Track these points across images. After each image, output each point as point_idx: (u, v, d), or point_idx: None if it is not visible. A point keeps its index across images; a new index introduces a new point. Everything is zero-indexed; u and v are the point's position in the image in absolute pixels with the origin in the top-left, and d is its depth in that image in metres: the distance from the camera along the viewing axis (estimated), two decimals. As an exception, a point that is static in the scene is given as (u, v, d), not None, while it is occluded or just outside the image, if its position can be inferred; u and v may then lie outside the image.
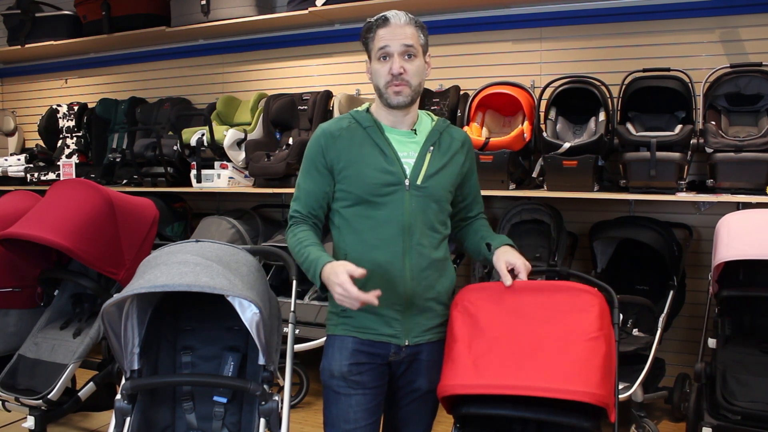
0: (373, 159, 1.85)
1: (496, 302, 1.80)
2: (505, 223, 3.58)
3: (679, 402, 3.19)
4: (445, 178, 1.91)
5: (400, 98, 1.84)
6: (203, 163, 4.17)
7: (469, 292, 1.87)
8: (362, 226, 1.86)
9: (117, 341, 1.89)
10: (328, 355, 1.91)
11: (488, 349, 1.70)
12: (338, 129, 1.89)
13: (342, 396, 1.86)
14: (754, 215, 2.63)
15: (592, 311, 1.73)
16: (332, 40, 4.35)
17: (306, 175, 1.92)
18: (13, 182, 4.95)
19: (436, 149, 1.91)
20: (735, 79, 3.19)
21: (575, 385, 1.59)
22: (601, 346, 1.67)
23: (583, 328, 1.70)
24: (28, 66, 5.75)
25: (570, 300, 1.76)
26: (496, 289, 1.83)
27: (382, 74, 1.84)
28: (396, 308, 1.85)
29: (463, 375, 1.69)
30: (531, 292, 1.80)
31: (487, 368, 1.67)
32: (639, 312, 3.11)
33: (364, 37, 1.89)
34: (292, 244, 1.88)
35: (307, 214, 1.91)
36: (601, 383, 1.60)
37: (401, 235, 1.84)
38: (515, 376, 1.63)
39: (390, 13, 1.86)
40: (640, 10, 3.59)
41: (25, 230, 2.63)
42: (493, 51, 3.95)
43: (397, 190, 1.85)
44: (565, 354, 1.65)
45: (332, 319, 1.94)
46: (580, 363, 1.63)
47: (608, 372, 1.67)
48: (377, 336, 1.86)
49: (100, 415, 3.28)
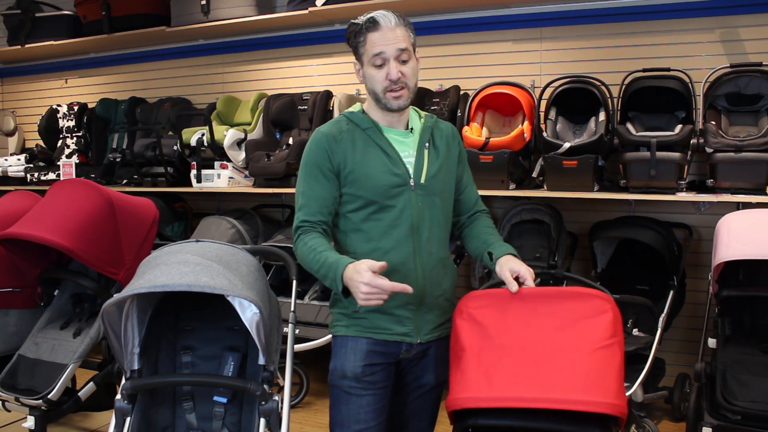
0: (378, 161, 1.84)
1: (504, 310, 1.73)
2: (505, 223, 3.58)
3: (679, 402, 3.19)
4: (445, 174, 1.92)
5: (400, 102, 1.84)
6: (203, 163, 4.17)
7: (473, 299, 1.80)
8: (373, 229, 1.85)
9: (117, 341, 1.89)
10: (340, 356, 1.89)
11: (499, 359, 1.63)
12: (339, 131, 1.87)
13: (353, 396, 1.85)
14: (754, 215, 2.63)
15: (605, 317, 1.65)
16: (332, 40, 4.35)
17: (311, 181, 1.85)
18: (13, 182, 4.95)
19: (431, 146, 1.92)
20: (735, 79, 3.19)
21: (594, 396, 1.52)
22: (616, 353, 1.61)
23: (596, 335, 1.62)
24: (28, 66, 5.74)
25: (581, 306, 1.68)
26: (502, 295, 1.76)
27: (378, 80, 1.82)
28: (409, 307, 1.86)
29: (474, 387, 1.62)
30: (539, 298, 1.73)
31: (500, 380, 1.60)
32: (639, 312, 3.11)
33: (353, 41, 1.85)
34: (304, 253, 1.80)
35: (316, 221, 1.84)
36: (618, 393, 1.55)
37: (411, 236, 1.84)
38: (530, 387, 1.56)
39: (378, 15, 1.80)
40: (640, 10, 3.59)
41: (25, 230, 2.63)
42: (493, 51, 3.94)
43: (404, 190, 1.84)
44: (579, 363, 1.58)
45: (342, 320, 1.91)
46: (596, 372, 1.56)
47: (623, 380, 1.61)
48: (391, 336, 1.86)
49: (100, 415, 3.28)
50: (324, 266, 1.74)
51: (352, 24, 1.86)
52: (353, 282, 1.65)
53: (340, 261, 1.71)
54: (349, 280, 1.66)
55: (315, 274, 1.79)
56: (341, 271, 1.69)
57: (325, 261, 1.74)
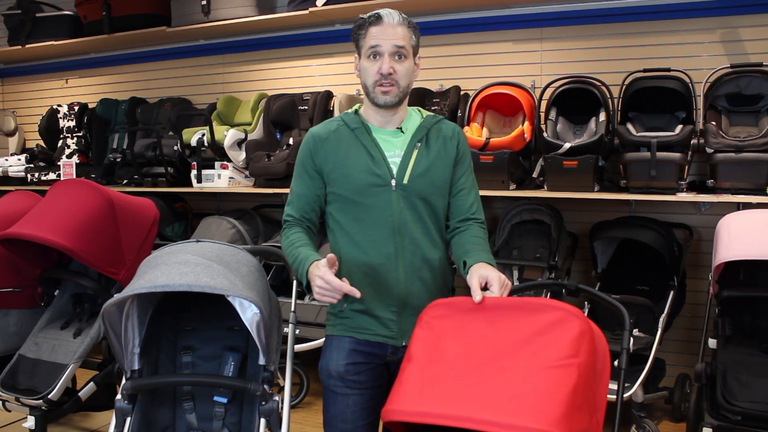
0: (360, 160, 1.85)
1: (462, 320, 1.61)
2: (505, 223, 3.58)
3: (680, 402, 3.19)
4: (434, 175, 1.88)
5: (387, 98, 1.83)
6: (203, 163, 4.17)
7: (435, 307, 1.69)
8: (353, 228, 1.86)
9: (117, 341, 1.89)
10: (325, 355, 1.92)
11: (442, 373, 1.51)
12: (327, 132, 1.91)
13: (339, 396, 1.86)
14: (754, 215, 2.63)
15: (567, 334, 1.48)
16: (332, 40, 4.35)
17: (298, 179, 1.94)
18: (13, 182, 4.96)
19: (423, 146, 1.89)
20: (735, 80, 3.19)
21: (528, 421, 1.34)
22: (571, 374, 1.42)
23: (552, 353, 1.46)
24: (29, 66, 5.75)
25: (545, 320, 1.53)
26: (464, 305, 1.64)
27: (370, 73, 1.83)
28: (391, 309, 1.85)
29: (405, 400, 1.50)
30: (502, 310, 1.59)
31: (432, 395, 1.47)
32: (639, 312, 3.11)
33: (355, 34, 1.87)
34: (285, 246, 1.89)
35: (299, 217, 1.92)
36: (560, 420, 1.34)
37: (392, 236, 1.83)
38: (461, 405, 1.42)
39: (384, 12, 1.83)
40: (641, 10, 3.59)
41: (25, 230, 2.63)
42: (494, 51, 3.95)
43: (383, 191, 1.84)
44: (524, 383, 1.42)
45: (330, 319, 1.94)
46: (540, 394, 1.39)
47: (579, 406, 1.42)
48: (373, 336, 1.86)
49: (100, 415, 3.28)
50: (296, 260, 1.81)
51: (359, 18, 1.88)
52: (312, 276, 1.70)
53: (309, 257, 1.76)
54: (310, 274, 1.71)
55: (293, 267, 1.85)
56: (307, 266, 1.74)
57: (297, 255, 1.81)
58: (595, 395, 1.53)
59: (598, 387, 1.55)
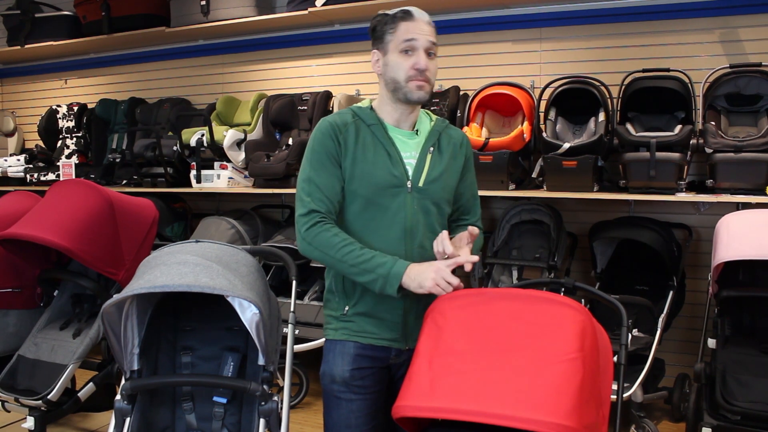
0: (380, 159, 1.82)
1: (467, 312, 1.63)
2: (504, 223, 3.58)
3: (679, 402, 3.19)
4: (445, 181, 1.89)
5: (422, 93, 1.81)
6: (203, 164, 4.17)
7: (441, 301, 1.70)
8: (366, 228, 1.83)
9: (117, 341, 1.89)
10: (328, 360, 1.89)
11: (449, 366, 1.53)
12: (343, 123, 1.84)
13: (343, 401, 1.84)
14: (753, 215, 2.64)
15: (573, 329, 1.51)
16: (332, 40, 4.35)
17: (319, 168, 1.80)
18: (12, 182, 4.96)
19: (436, 150, 1.89)
20: (734, 80, 3.19)
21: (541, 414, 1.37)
22: (578, 369, 1.45)
23: (560, 347, 1.48)
24: (28, 66, 5.75)
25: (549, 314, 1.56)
26: (469, 297, 1.67)
27: (404, 67, 1.79)
28: (397, 312, 1.84)
29: (416, 396, 1.51)
30: (507, 300, 1.62)
31: (444, 389, 1.49)
32: (639, 312, 3.11)
33: (380, 29, 1.82)
34: (336, 245, 1.74)
35: (326, 211, 1.78)
36: (571, 413, 1.38)
37: (404, 238, 1.83)
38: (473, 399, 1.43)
39: (412, 8, 1.81)
40: (641, 11, 3.59)
41: (25, 230, 2.63)
42: (493, 51, 3.95)
43: (400, 192, 1.82)
44: (535, 377, 1.45)
45: (332, 323, 1.91)
46: (551, 388, 1.42)
47: (586, 399, 1.44)
48: (378, 340, 1.85)
49: (100, 415, 3.28)
50: (370, 263, 1.72)
51: (381, 14, 1.84)
52: (424, 276, 1.67)
53: (397, 261, 1.72)
54: (420, 274, 1.68)
55: (346, 267, 1.75)
56: (404, 268, 1.70)
57: (371, 258, 1.72)
58: (599, 389, 1.55)
59: (602, 381, 1.57)
